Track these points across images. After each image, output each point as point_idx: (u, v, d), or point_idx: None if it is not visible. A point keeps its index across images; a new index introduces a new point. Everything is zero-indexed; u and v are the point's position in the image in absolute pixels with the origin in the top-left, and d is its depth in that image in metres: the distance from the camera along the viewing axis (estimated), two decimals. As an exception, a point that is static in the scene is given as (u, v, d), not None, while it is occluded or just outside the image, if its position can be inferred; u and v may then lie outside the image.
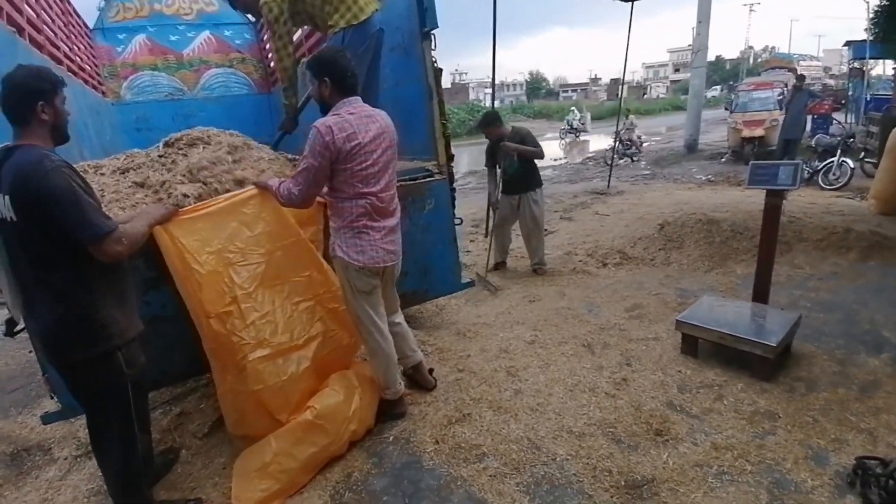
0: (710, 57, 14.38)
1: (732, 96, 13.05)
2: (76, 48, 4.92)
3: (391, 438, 2.22)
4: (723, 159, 10.96)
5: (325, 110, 2.01)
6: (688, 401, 2.32)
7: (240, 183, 2.34)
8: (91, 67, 5.51)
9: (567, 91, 69.21)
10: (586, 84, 70.05)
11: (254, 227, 2.06)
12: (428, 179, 2.93)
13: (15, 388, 3.29)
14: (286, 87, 3.01)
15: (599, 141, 19.19)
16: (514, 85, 70.66)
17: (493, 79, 6.34)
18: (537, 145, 4.21)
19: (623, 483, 1.85)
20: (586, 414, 2.27)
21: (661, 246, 4.54)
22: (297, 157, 3.20)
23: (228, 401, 2.05)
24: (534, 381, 2.54)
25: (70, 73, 4.24)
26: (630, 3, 7.29)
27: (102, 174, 2.45)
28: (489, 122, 4.27)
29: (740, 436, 2.05)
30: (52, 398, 2.15)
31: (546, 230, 5.89)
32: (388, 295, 2.29)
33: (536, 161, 4.27)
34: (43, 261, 1.50)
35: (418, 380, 2.53)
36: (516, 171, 4.16)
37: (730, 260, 4.06)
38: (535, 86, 67.70)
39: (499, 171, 4.24)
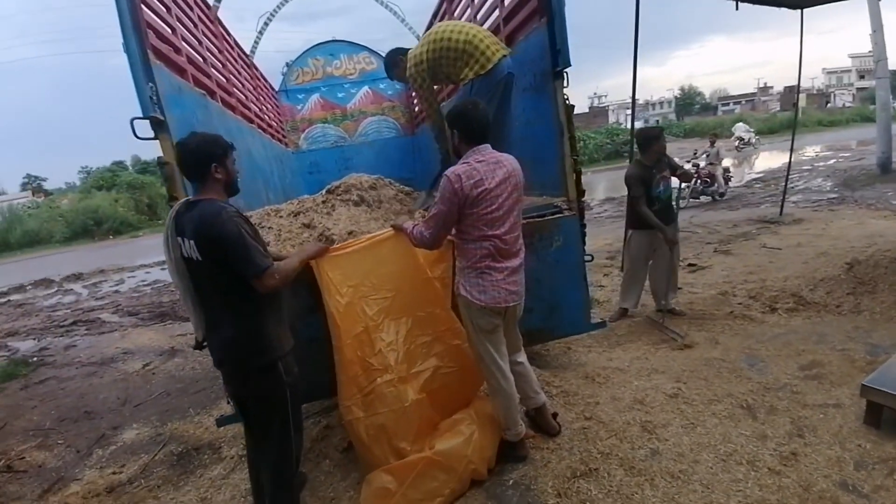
0: (894, 66, 11.84)
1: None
2: (265, 108, 6.09)
3: (511, 482, 2.17)
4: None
5: (457, 157, 2.15)
6: (861, 479, 1.87)
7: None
8: (277, 124, 6.78)
9: (728, 104, 61.76)
10: (753, 94, 61.50)
11: (387, 265, 2.28)
12: (556, 216, 2.88)
13: (198, 390, 3.96)
14: (436, 136, 3.34)
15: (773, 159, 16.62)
16: (662, 102, 65.60)
17: (634, 94, 5.92)
18: (680, 166, 3.83)
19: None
20: (742, 491, 1.93)
21: (850, 290, 3.68)
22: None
23: (356, 431, 2.22)
24: (675, 443, 2.26)
25: (260, 130, 5.25)
26: (800, 10, 6.30)
27: (280, 217, 2.97)
28: (654, 136, 3.70)
29: None
30: (228, 403, 2.50)
31: (694, 265, 5.28)
32: (510, 334, 2.29)
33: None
34: (224, 289, 1.85)
35: (541, 423, 2.45)
36: (669, 197, 3.76)
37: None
38: (688, 101, 61.96)
39: (678, 193, 3.90)
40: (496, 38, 3.19)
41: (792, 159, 8.24)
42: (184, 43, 3.25)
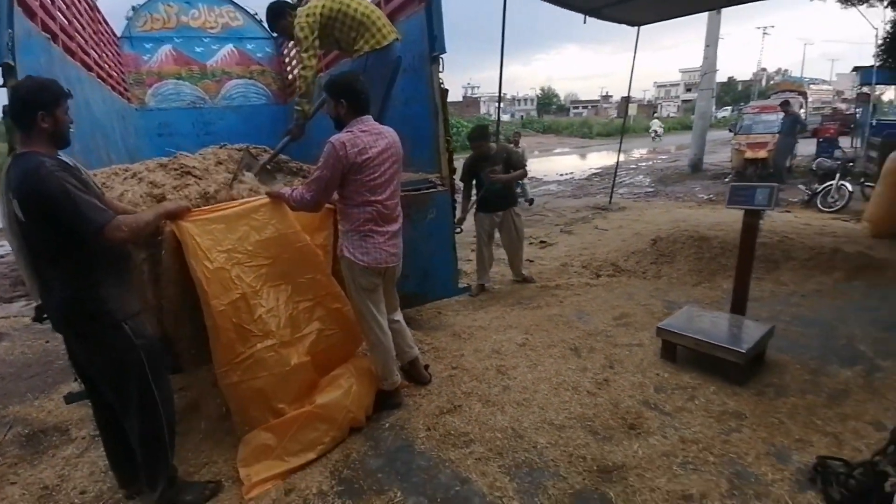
0: (723, 78, 14.59)
1: (737, 118, 13.30)
2: (105, 55, 5.23)
3: (387, 425, 2.42)
4: (727, 179, 11.13)
5: (339, 126, 2.26)
6: (662, 400, 2.50)
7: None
8: (118, 74, 5.84)
9: (577, 108, 69.71)
10: (597, 101, 70.50)
11: (262, 232, 2.27)
12: (431, 191, 3.17)
13: (32, 374, 3.50)
14: (302, 94, 3.22)
15: (609, 157, 19.41)
16: (526, 100, 71.37)
17: (500, 92, 6.62)
18: (523, 165, 4.39)
19: (595, 468, 2.04)
20: (567, 409, 2.46)
21: (653, 260, 4.73)
22: (300, 162, 3.49)
23: (233, 394, 2.23)
24: (521, 379, 2.74)
25: (99, 80, 4.54)
26: (636, 27, 7.59)
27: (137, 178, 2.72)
28: (481, 136, 4.32)
29: (707, 431, 2.22)
30: (75, 380, 2.31)
31: (545, 242, 6.15)
32: (388, 294, 2.52)
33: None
34: (50, 250, 1.72)
35: (414, 375, 2.74)
36: (500, 188, 4.29)
37: (718, 275, 4.25)
38: (547, 101, 68.36)
39: (473, 191, 4.39)
40: (388, 21, 3.25)
41: (620, 159, 9.88)
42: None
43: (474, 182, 4.43)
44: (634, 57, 8.03)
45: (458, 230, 3.39)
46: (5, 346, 4.00)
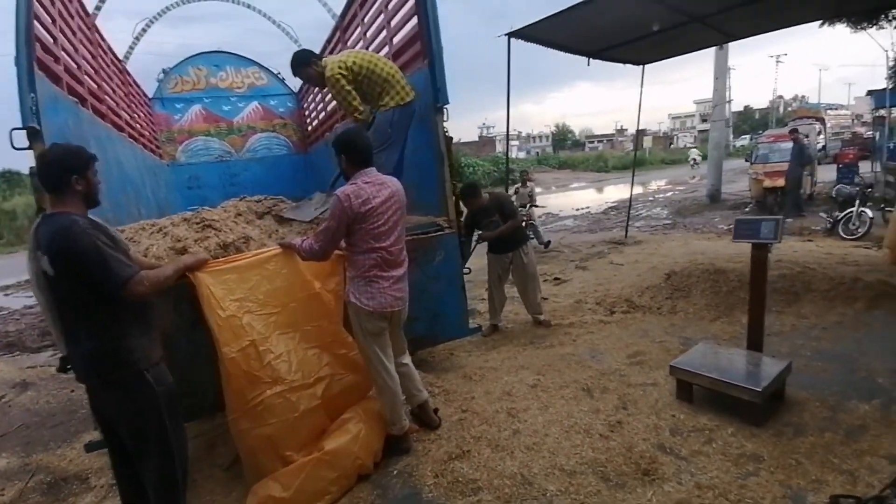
0: (739, 107, 14.58)
1: (753, 148, 13.25)
2: (136, 115, 5.67)
3: (395, 472, 2.41)
4: (746, 209, 10.99)
5: (346, 179, 2.40)
6: (678, 444, 2.42)
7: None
8: (150, 133, 6.31)
9: (593, 142, 70.36)
10: (612, 135, 71.16)
11: (273, 282, 2.38)
12: (438, 234, 3.26)
13: (55, 423, 3.63)
14: (369, 128, 3.40)
15: (626, 190, 19.40)
16: (541, 137, 72.55)
17: (508, 131, 6.79)
18: (514, 214, 4.40)
19: (606, 518, 1.98)
20: (579, 454, 2.40)
21: (668, 295, 4.66)
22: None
23: (242, 442, 2.28)
24: (532, 422, 2.70)
25: (130, 139, 4.90)
26: (641, 67, 7.81)
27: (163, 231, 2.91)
28: (471, 194, 4.20)
29: (724, 476, 2.15)
30: (96, 429, 2.40)
31: (559, 279, 6.12)
32: (395, 337, 2.56)
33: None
34: (78, 304, 1.83)
35: (423, 418, 2.73)
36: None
37: (736, 309, 4.14)
38: (562, 137, 69.37)
39: (474, 238, 4.41)
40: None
41: (634, 192, 9.90)
42: (63, 52, 3.13)
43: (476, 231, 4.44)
44: (641, 93, 8.23)
45: (467, 270, 3.44)
46: (31, 395, 4.17)
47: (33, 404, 3.99)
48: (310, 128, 7.49)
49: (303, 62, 3.48)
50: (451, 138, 3.40)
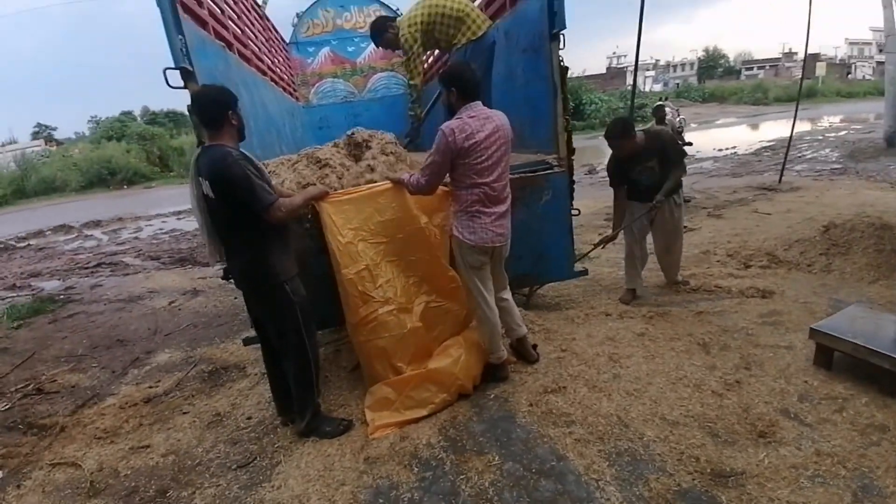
0: None
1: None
2: (276, 60, 6.18)
3: (492, 396, 2.56)
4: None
5: (451, 114, 2.40)
6: (805, 410, 2.17)
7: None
8: (288, 77, 6.88)
9: (752, 68, 59.32)
10: (777, 60, 58.98)
11: (384, 214, 2.56)
12: (546, 172, 3.14)
13: (220, 323, 4.42)
14: (414, 100, 3.58)
15: (786, 126, 16.35)
16: (685, 64, 63.22)
17: (638, 55, 5.69)
18: (681, 158, 3.49)
19: (709, 470, 1.89)
20: (685, 406, 2.28)
21: (823, 251, 3.94)
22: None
23: (361, 351, 2.61)
24: (635, 370, 2.61)
25: (273, 83, 5.40)
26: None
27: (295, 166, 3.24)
28: (621, 133, 3.36)
29: (847, 445, 1.94)
30: (251, 328, 2.79)
31: (685, 227, 5.49)
32: (496, 272, 2.62)
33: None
34: (234, 222, 2.17)
35: (522, 352, 2.81)
36: (653, 182, 3.45)
37: (904, 271, 3.38)
38: (711, 64, 59.62)
39: (639, 207, 3.55)
40: (480, 10, 3.50)
41: (801, 129, 8.27)
42: (207, -3, 3.41)
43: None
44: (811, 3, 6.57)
45: (576, 212, 3.28)
46: (200, 301, 5.14)
47: (202, 307, 4.92)
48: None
49: (380, 30, 3.57)
50: (567, 69, 3.14)
